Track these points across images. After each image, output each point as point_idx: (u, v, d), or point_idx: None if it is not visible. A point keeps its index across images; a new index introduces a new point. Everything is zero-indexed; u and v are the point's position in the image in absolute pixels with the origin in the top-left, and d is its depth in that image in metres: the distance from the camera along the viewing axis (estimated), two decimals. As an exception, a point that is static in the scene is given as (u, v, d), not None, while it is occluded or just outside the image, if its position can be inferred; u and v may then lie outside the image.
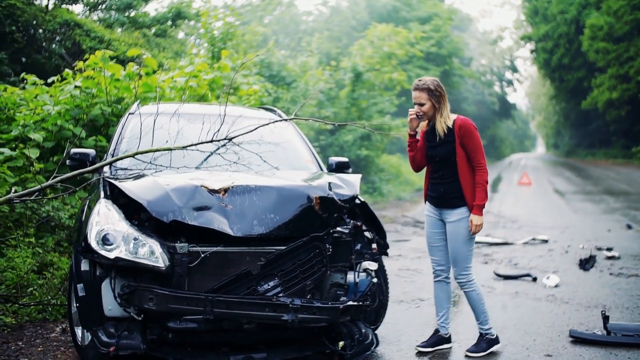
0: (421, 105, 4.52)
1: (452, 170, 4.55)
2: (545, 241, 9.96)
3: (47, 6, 17.13)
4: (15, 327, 5.14)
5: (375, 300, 4.35)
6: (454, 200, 4.57)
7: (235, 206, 3.97)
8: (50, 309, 5.48)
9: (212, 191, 4.01)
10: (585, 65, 41.97)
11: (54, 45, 16.24)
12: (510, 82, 59.10)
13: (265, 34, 22.24)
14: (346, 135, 17.70)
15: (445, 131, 4.50)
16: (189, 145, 4.78)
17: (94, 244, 3.77)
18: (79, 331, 4.24)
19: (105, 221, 3.87)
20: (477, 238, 9.91)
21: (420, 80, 4.56)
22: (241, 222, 3.93)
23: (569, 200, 17.14)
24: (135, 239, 3.78)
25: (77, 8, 22.15)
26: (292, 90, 14.69)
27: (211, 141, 4.83)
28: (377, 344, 4.39)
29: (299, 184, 4.30)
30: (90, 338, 3.95)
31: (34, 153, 6.97)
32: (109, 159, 4.85)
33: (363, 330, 4.33)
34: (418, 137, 4.73)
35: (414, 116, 4.57)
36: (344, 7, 33.72)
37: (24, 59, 15.76)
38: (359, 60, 19.15)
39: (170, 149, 4.72)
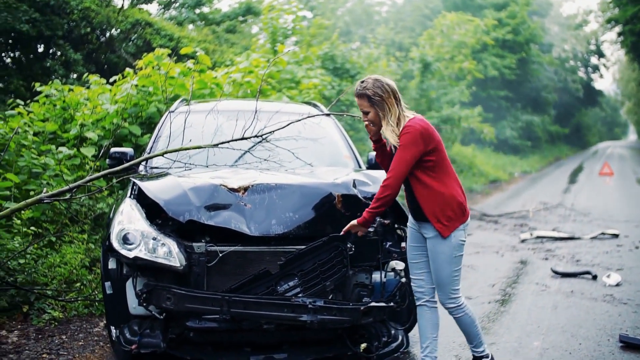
0: (365, 113, 3.83)
1: (408, 183, 3.85)
2: (616, 236, 9.45)
3: (122, 7, 17.68)
4: (63, 321, 5.31)
5: (404, 301, 4.20)
6: (422, 214, 3.83)
7: (254, 205, 3.94)
8: (96, 304, 5.63)
9: (232, 190, 3.99)
10: (677, 47, 39.63)
11: (128, 44, 16.74)
12: (596, 68, 56.63)
13: (333, 26, 22.17)
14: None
15: (394, 140, 3.75)
16: (220, 143, 4.78)
17: (115, 243, 3.82)
18: (112, 327, 4.32)
19: (128, 220, 3.92)
20: (542, 232, 9.53)
21: (362, 83, 3.84)
22: (259, 221, 3.89)
23: (651, 191, 16.29)
24: (154, 238, 3.81)
25: (152, 8, 22.79)
26: (356, 83, 14.58)
27: (242, 138, 4.81)
28: (407, 345, 4.26)
29: (321, 182, 4.22)
30: (117, 334, 4.02)
31: (88, 152, 7.20)
32: (144, 156, 4.92)
33: (392, 332, 4.22)
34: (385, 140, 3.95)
35: (367, 123, 3.90)
36: (417, -4, 33.18)
37: (103, 58, 16.36)
38: (428, 50, 18.80)
39: (199, 147, 4.73)
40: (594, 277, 6.79)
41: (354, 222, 3.87)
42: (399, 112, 3.79)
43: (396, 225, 4.40)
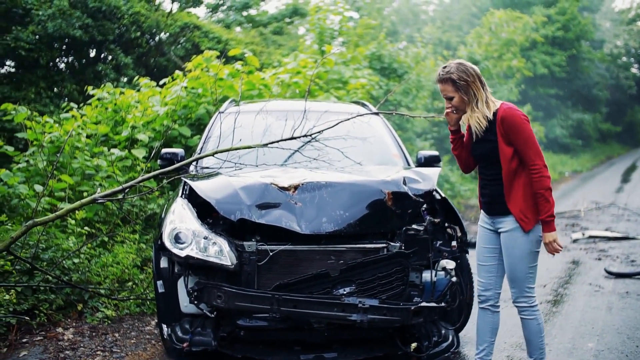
0: (449, 99, 3.69)
1: (496, 172, 3.67)
2: (673, 236, 9.17)
3: (170, 11, 17.97)
4: (115, 320, 5.41)
5: (455, 300, 4.16)
6: (503, 206, 3.66)
7: (304, 203, 3.95)
8: (148, 302, 5.72)
9: (282, 189, 4.00)
10: None
11: (177, 47, 17.00)
12: (650, 64, 55.02)
13: (380, 26, 22.10)
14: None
15: (482, 126, 3.64)
16: (269, 143, 4.81)
17: (167, 242, 3.88)
18: (164, 325, 4.38)
19: (180, 220, 3.97)
20: (595, 232, 9.31)
21: (444, 69, 3.66)
22: (310, 219, 3.89)
23: None
24: (205, 237, 3.85)
25: (200, 11, 23.10)
26: (403, 83, 14.48)
27: (291, 138, 4.82)
28: (458, 346, 4.21)
29: (371, 180, 4.20)
30: (169, 333, 4.08)
31: (139, 153, 7.33)
32: (195, 156, 4.98)
33: (443, 332, 4.18)
34: (463, 131, 3.87)
35: (450, 110, 3.77)
36: (465, -6, 32.78)
37: (153, 61, 16.65)
38: (476, 48, 18.57)
39: (249, 147, 4.76)
40: (651, 278, 6.60)
41: (544, 234, 3.69)
42: (486, 96, 3.65)
43: (446, 224, 4.36)
